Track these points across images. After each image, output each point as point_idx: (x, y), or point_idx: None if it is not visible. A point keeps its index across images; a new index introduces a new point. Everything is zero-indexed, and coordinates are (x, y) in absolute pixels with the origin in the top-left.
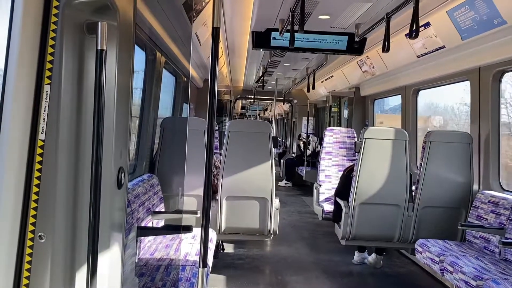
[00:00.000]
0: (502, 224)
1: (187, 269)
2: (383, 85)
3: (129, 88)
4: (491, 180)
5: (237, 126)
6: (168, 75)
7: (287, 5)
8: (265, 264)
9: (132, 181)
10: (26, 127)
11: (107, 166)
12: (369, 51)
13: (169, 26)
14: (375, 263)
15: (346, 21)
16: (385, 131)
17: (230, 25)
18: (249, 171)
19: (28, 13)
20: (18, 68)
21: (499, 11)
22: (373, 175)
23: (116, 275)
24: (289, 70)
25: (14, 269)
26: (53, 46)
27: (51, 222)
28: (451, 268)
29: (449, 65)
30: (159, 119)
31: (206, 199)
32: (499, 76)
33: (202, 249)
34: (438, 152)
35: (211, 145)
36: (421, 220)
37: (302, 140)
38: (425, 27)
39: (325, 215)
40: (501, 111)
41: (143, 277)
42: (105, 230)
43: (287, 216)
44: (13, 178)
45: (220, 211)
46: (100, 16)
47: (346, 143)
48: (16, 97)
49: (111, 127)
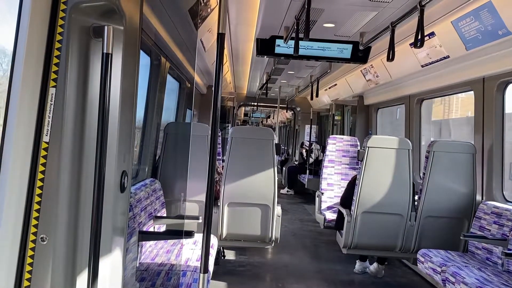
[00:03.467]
0: (505, 235)
1: (188, 275)
2: (387, 94)
3: (134, 92)
4: (494, 190)
5: (240, 133)
6: (172, 80)
7: (292, 12)
8: (266, 272)
9: (134, 185)
10: (31, 129)
11: (110, 170)
12: (373, 60)
13: (174, 32)
14: (376, 272)
15: (351, 29)
16: (388, 140)
17: (235, 32)
18: (251, 177)
19: (35, 16)
20: (24, 70)
21: (504, 22)
22: (376, 184)
23: (117, 279)
24: (292, 77)
25: (16, 270)
26: (59, 49)
27: (53, 224)
28: (453, 279)
29: (453, 75)
30: (163, 124)
31: (208, 205)
32: (503, 87)
33: (203, 255)
34: (441, 162)
35: (214, 151)
36: (424, 230)
37: (305, 148)
38: (430, 37)
39: (327, 224)
40: (505, 122)
41: (144, 282)
42: (107, 234)
43: (288, 224)
44: (17, 179)
45: (221, 217)
46: (106, 20)
47: (349, 152)
48: (21, 99)
49: (115, 131)
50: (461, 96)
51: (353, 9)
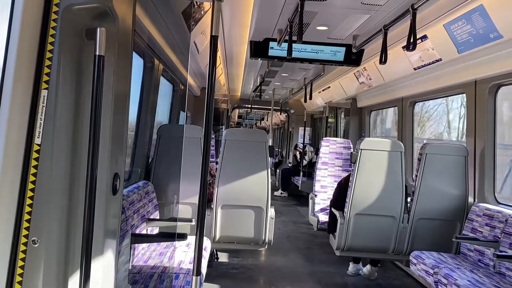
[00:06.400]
0: (496, 237)
1: (181, 277)
2: (380, 96)
3: (127, 94)
4: (486, 193)
5: (233, 135)
6: (165, 82)
7: (286, 15)
8: (260, 274)
9: (127, 187)
10: (22, 131)
11: (102, 172)
12: (366, 63)
13: (167, 34)
14: (369, 274)
15: (343, 32)
16: (381, 142)
17: (228, 34)
18: (245, 180)
19: (27, 17)
20: (15, 71)
21: (496, 25)
22: (369, 186)
23: (109, 282)
24: (286, 80)
25: (7, 272)
26: (51, 51)
27: (45, 227)
28: (445, 281)
29: (446, 78)
30: (156, 126)
31: (201, 207)
32: (495, 90)
33: (196, 257)
34: (433, 164)
35: (207, 153)
36: (416, 232)
37: (299, 150)
38: (422, 40)
39: (320, 226)
40: (496, 125)
41: (136, 285)
42: (99, 236)
43: (282, 226)
44: (8, 181)
45: (215, 219)
46: (99, 22)
47: (342, 154)
48: (13, 100)
49: (107, 133)
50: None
51: (346, 12)
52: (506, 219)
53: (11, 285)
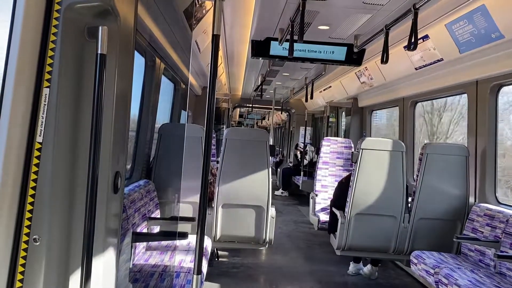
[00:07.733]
0: (497, 237)
1: (181, 276)
2: (381, 96)
3: (128, 93)
4: (487, 193)
5: (234, 134)
6: (167, 81)
7: (287, 14)
8: (260, 273)
9: (128, 186)
10: (24, 129)
11: (104, 170)
12: (368, 62)
13: (169, 33)
14: (370, 274)
15: (345, 32)
16: (382, 142)
17: (230, 34)
18: (246, 179)
19: (29, 16)
20: (17, 70)
21: (497, 26)
22: (370, 186)
23: (110, 280)
24: (287, 79)
25: (8, 271)
26: (53, 50)
27: (46, 225)
28: (446, 281)
29: (447, 77)
30: (157, 125)
31: (202, 206)
32: (496, 90)
33: (197, 256)
34: (434, 164)
35: (208, 152)
36: (417, 232)
37: (299, 150)
38: (424, 40)
39: (321, 225)
40: (498, 125)
41: (137, 283)
42: (100, 235)
43: (283, 225)
44: (10, 179)
45: (215, 218)
46: (101, 21)
47: (343, 153)
48: (15, 99)
49: (109, 132)
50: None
51: (347, 11)
52: (507, 219)
53: (12, 283)
